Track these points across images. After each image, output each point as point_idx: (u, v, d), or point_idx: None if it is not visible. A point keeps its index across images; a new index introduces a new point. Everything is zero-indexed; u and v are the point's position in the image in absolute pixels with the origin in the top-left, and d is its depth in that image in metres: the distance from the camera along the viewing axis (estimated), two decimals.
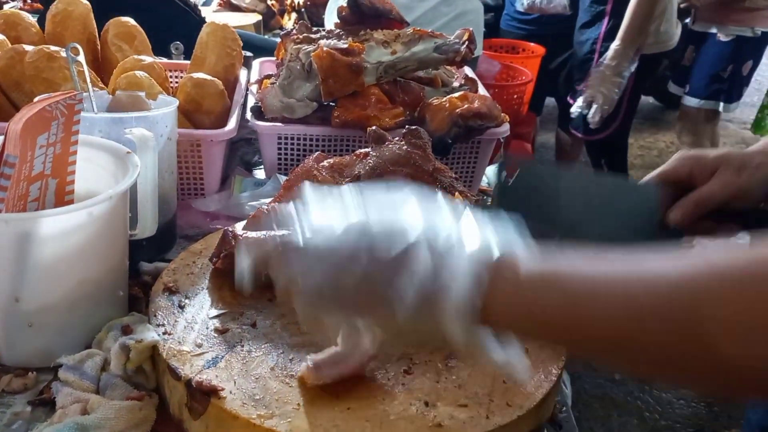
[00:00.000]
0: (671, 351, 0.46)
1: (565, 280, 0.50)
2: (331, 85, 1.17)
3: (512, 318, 0.53)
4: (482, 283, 0.51)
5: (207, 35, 1.30)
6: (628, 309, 0.47)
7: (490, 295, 0.51)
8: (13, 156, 0.71)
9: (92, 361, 0.74)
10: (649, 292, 0.47)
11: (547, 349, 0.78)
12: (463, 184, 1.26)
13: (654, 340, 0.46)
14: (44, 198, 0.80)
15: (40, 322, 0.75)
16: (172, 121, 0.98)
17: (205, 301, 0.82)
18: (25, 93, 1.12)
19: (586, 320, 0.49)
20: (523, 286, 0.51)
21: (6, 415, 0.71)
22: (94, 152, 0.86)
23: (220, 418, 0.67)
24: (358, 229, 0.55)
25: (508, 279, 0.51)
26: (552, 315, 0.50)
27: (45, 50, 1.09)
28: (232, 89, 1.30)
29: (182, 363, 0.71)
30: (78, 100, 0.80)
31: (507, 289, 0.51)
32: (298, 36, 1.26)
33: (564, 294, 0.50)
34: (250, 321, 0.79)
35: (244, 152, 1.42)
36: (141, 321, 0.79)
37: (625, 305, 0.47)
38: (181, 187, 1.15)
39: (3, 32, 1.21)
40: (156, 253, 0.99)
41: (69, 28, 1.24)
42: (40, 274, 0.73)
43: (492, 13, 3.29)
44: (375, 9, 1.28)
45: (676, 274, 0.46)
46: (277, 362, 0.73)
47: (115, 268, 0.81)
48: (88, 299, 0.77)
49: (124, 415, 0.68)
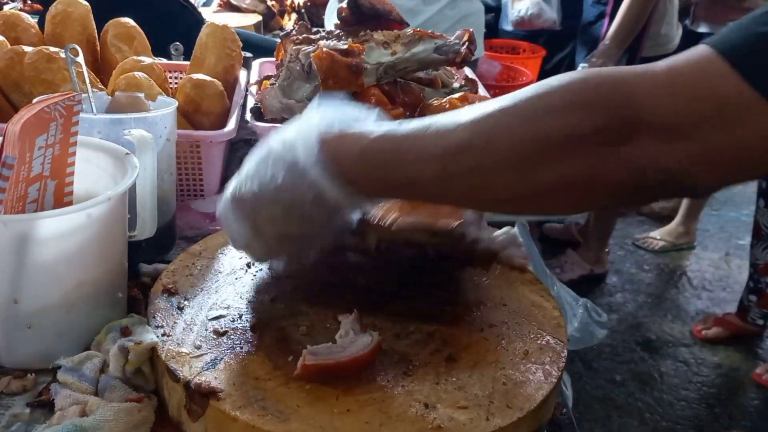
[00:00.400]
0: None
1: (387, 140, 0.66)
2: (330, 86, 1.17)
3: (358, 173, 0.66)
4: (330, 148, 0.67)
5: (206, 36, 1.30)
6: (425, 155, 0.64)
7: (338, 156, 0.66)
8: (11, 157, 0.71)
9: (91, 362, 0.74)
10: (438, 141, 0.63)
11: (548, 352, 0.77)
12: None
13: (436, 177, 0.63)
14: (43, 199, 0.80)
15: (39, 323, 0.75)
16: (172, 122, 0.98)
17: (204, 302, 0.82)
18: (25, 94, 1.12)
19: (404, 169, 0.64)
20: (365, 148, 0.66)
21: (5, 417, 0.71)
22: (93, 153, 0.86)
23: (219, 420, 0.66)
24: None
25: (352, 144, 0.67)
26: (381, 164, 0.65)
27: (44, 51, 1.09)
28: (231, 90, 1.30)
29: (181, 365, 0.71)
30: (77, 101, 0.80)
31: (352, 151, 0.66)
32: (297, 37, 1.26)
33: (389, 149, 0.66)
34: (249, 323, 0.79)
35: (243, 153, 1.41)
36: (140, 323, 0.78)
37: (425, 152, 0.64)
38: (180, 188, 1.15)
39: (2, 33, 1.21)
40: (155, 255, 0.99)
41: (68, 28, 1.24)
42: (39, 276, 0.73)
43: (492, 14, 3.29)
44: (375, 10, 1.28)
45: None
46: (276, 364, 0.72)
47: (114, 270, 0.81)
48: (87, 301, 0.77)
49: (122, 416, 0.68)
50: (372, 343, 0.71)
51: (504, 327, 0.81)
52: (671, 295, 3.16)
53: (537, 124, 0.59)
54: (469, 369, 0.74)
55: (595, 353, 2.68)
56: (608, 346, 2.73)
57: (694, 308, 3.06)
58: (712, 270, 3.38)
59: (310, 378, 0.69)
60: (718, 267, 3.41)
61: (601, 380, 2.58)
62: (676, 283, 3.26)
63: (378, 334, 0.73)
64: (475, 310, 0.84)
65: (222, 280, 0.87)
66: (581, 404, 2.42)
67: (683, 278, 3.29)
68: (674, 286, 3.23)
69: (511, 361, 0.76)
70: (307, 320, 0.80)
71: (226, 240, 0.96)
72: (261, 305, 0.82)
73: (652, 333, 2.86)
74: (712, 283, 3.26)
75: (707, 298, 3.14)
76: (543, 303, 0.87)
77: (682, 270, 3.36)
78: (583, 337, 1.29)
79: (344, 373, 0.70)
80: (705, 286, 3.24)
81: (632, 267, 3.37)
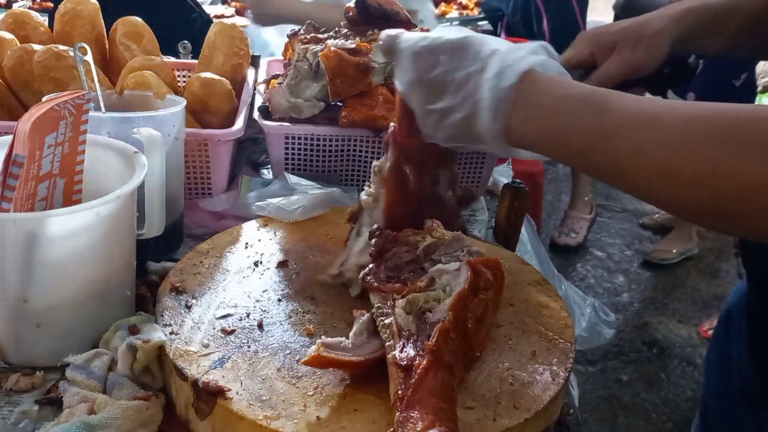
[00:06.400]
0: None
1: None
2: (338, 85, 1.17)
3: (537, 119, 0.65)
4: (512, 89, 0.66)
5: (215, 34, 1.30)
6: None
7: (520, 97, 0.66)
8: (21, 156, 0.71)
9: (99, 360, 0.74)
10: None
11: (555, 352, 0.77)
12: (470, 185, 1.26)
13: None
14: (52, 198, 0.80)
15: (48, 322, 0.75)
16: (180, 120, 0.99)
17: (212, 301, 0.82)
18: (34, 92, 1.12)
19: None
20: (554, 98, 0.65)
21: (13, 414, 0.71)
22: (101, 152, 0.86)
23: (227, 418, 0.67)
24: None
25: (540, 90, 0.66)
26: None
27: (53, 50, 1.09)
28: (239, 89, 1.30)
29: (189, 363, 0.71)
30: (86, 99, 0.80)
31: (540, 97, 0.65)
32: (305, 36, 1.26)
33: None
34: (256, 321, 0.79)
35: (251, 152, 1.42)
36: (148, 321, 0.79)
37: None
38: (188, 187, 1.15)
39: (12, 31, 1.22)
40: (163, 253, 0.99)
41: (77, 27, 1.24)
42: (48, 274, 0.73)
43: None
44: (383, 11, 1.28)
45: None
46: (283, 363, 0.73)
47: (123, 268, 0.81)
48: (96, 299, 0.77)
49: (130, 414, 0.68)
50: (383, 347, 0.71)
51: (511, 327, 0.81)
52: (678, 295, 3.15)
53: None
54: (476, 370, 0.74)
55: (602, 353, 2.67)
56: (615, 345, 2.73)
57: (701, 308, 3.05)
58: (719, 269, 3.37)
59: (319, 366, 0.70)
60: (726, 266, 3.40)
61: (608, 380, 2.57)
62: (683, 283, 3.25)
63: None
64: None
65: (230, 278, 0.87)
66: (588, 404, 2.42)
67: (690, 278, 3.28)
68: (681, 286, 3.22)
69: (518, 362, 0.76)
70: (314, 319, 0.80)
71: (234, 238, 0.96)
72: (268, 304, 0.83)
73: (658, 333, 2.86)
74: (719, 283, 3.25)
75: (714, 298, 3.13)
76: (550, 303, 0.87)
77: (688, 270, 3.34)
78: (590, 337, 1.29)
79: (351, 370, 0.70)
80: (712, 286, 3.23)
81: (638, 267, 3.36)
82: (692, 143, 0.56)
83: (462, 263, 0.74)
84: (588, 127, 0.62)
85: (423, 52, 0.72)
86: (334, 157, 1.21)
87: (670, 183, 0.57)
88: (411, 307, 0.71)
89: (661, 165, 0.57)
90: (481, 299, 0.72)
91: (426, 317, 0.70)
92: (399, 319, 0.70)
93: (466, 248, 0.79)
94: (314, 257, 0.93)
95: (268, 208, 1.03)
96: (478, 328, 0.72)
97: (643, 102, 0.62)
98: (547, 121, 0.65)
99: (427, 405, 0.61)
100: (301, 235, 0.99)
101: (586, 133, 0.62)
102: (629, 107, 0.61)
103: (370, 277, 0.77)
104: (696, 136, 0.56)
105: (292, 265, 0.91)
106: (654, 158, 0.58)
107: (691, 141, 0.56)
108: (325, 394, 0.68)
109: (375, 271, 0.78)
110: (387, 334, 0.70)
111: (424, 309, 0.71)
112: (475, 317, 0.71)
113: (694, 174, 0.56)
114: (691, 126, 0.57)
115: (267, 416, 0.65)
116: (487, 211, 1.26)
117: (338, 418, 0.66)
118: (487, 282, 0.73)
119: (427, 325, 0.69)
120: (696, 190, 0.56)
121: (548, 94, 0.65)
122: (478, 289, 0.72)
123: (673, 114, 0.59)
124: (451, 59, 0.71)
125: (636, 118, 0.60)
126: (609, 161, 0.61)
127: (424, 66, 0.72)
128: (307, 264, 0.92)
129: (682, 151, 0.56)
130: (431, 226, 0.83)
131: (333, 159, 1.21)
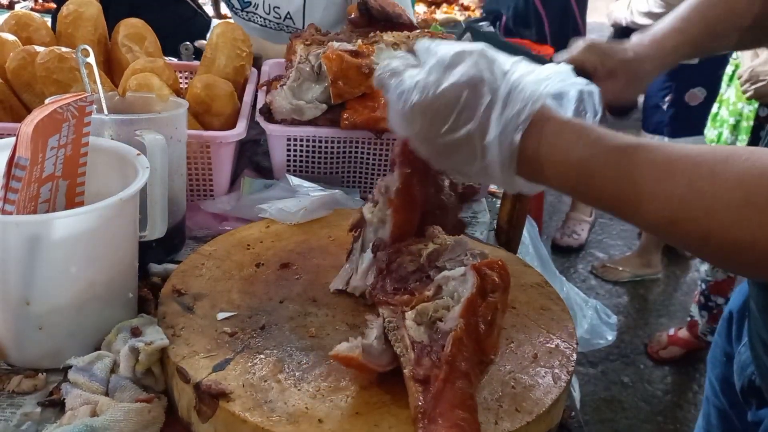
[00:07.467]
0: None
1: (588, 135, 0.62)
2: (340, 87, 1.17)
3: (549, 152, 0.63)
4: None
5: (217, 36, 1.31)
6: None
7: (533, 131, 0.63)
8: (24, 158, 0.71)
9: (102, 362, 0.74)
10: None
11: (557, 355, 0.77)
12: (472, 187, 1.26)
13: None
14: (55, 200, 0.81)
15: (50, 324, 0.75)
16: (182, 122, 0.99)
17: (214, 303, 0.83)
18: (36, 94, 1.12)
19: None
20: (566, 130, 0.63)
21: (16, 416, 0.72)
22: (104, 154, 0.86)
23: (229, 421, 0.67)
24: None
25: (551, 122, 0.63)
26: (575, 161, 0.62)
27: (56, 51, 1.10)
28: (241, 91, 1.30)
29: (191, 365, 0.71)
30: (89, 101, 0.80)
31: (551, 128, 0.63)
32: (307, 38, 1.26)
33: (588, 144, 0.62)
34: (258, 324, 0.79)
35: (253, 153, 1.42)
36: (150, 323, 0.79)
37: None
38: (190, 189, 1.15)
39: (14, 33, 1.22)
40: (165, 255, 0.99)
41: (80, 29, 1.25)
42: (51, 276, 0.73)
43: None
44: (385, 13, 1.28)
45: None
46: (285, 365, 0.73)
47: (125, 270, 0.81)
48: (98, 301, 0.77)
49: (133, 417, 0.69)
50: None
51: (513, 330, 0.81)
52: (679, 297, 3.15)
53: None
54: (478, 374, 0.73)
55: (603, 355, 2.67)
56: (616, 347, 2.72)
57: None
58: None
59: (346, 366, 0.70)
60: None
61: (609, 382, 2.57)
62: (684, 285, 3.24)
63: None
64: None
65: (232, 280, 0.87)
66: (589, 405, 2.42)
67: (690, 280, 3.27)
68: (681, 288, 3.22)
69: (520, 365, 0.76)
70: (316, 322, 0.80)
71: (236, 240, 0.96)
72: (270, 306, 0.83)
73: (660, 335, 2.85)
74: None
75: None
76: (552, 306, 0.87)
77: (689, 272, 3.34)
78: (592, 339, 1.29)
79: (371, 375, 0.71)
80: None
81: None
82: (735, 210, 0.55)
83: (467, 268, 0.73)
84: (616, 194, 0.61)
85: (418, 111, 0.67)
86: (336, 159, 1.21)
87: (718, 249, 0.57)
88: (421, 317, 0.71)
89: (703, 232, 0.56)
90: (489, 302, 0.72)
91: (437, 326, 0.69)
92: (410, 331, 0.69)
93: (469, 252, 0.79)
94: (316, 259, 0.94)
95: (270, 210, 1.03)
96: (490, 331, 0.72)
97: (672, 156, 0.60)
98: (565, 176, 0.63)
99: (450, 418, 0.61)
100: (303, 237, 0.99)
101: (615, 200, 0.61)
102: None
103: (377, 291, 0.77)
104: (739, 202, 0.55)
105: (293, 267, 0.91)
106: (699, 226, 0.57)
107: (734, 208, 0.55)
108: (327, 398, 0.69)
109: (381, 284, 0.78)
110: (400, 348, 0.69)
111: (435, 318, 0.70)
112: (486, 321, 0.71)
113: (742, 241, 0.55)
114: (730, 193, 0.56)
115: (269, 419, 0.65)
116: (489, 212, 1.26)
117: (340, 422, 0.66)
118: (493, 284, 0.73)
119: (439, 334, 0.68)
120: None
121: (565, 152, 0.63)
122: (485, 293, 0.72)
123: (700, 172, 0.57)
124: (456, 119, 0.65)
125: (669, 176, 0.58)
126: (647, 227, 0.62)
127: (425, 125, 0.67)
128: (309, 266, 0.92)
129: (727, 221, 0.55)
130: (432, 233, 0.83)
131: (335, 161, 1.21)
